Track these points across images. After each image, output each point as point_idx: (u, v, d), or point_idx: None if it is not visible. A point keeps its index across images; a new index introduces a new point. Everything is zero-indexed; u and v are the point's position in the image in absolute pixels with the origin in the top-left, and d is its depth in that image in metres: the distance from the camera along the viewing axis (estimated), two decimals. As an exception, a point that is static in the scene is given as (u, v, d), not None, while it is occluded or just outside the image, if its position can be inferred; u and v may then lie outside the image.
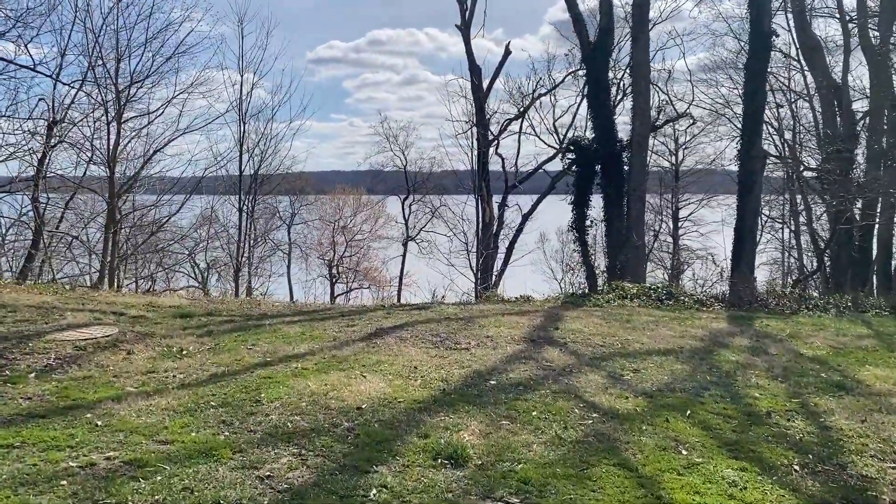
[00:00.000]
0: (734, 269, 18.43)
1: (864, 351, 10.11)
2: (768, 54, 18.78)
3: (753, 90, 18.61)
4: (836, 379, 8.26)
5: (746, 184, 18.72)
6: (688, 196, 40.27)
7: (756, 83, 18.60)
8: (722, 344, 10.08)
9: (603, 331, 10.42)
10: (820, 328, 11.96)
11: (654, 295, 14.24)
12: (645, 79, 18.63)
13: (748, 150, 18.55)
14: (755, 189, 19.02)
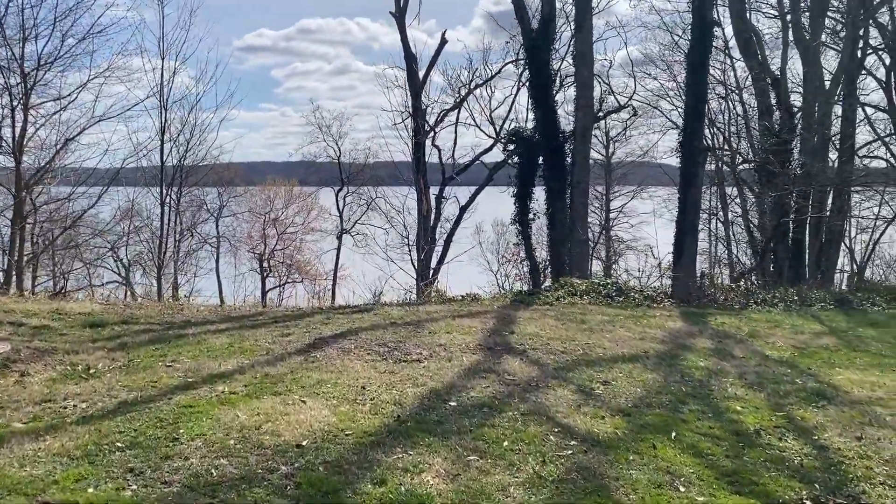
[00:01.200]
0: (676, 263, 17.96)
1: (828, 351, 9.59)
2: (710, 45, 18.31)
3: (695, 81, 18.11)
4: (813, 386, 7.62)
5: (688, 177, 18.25)
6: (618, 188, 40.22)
7: (698, 74, 18.12)
8: (685, 346, 9.38)
9: (561, 334, 9.58)
10: (775, 325, 11.47)
11: (603, 291, 13.52)
12: (588, 69, 17.93)
13: (690, 142, 18.06)
14: (697, 182, 18.59)
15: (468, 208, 27.44)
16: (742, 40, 22.15)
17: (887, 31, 29.62)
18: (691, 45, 18.24)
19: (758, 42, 22.12)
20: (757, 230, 22.52)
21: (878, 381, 7.96)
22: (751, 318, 12.03)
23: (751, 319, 11.94)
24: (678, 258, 17.94)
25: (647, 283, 17.45)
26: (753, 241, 22.96)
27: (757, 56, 22.12)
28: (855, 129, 27.33)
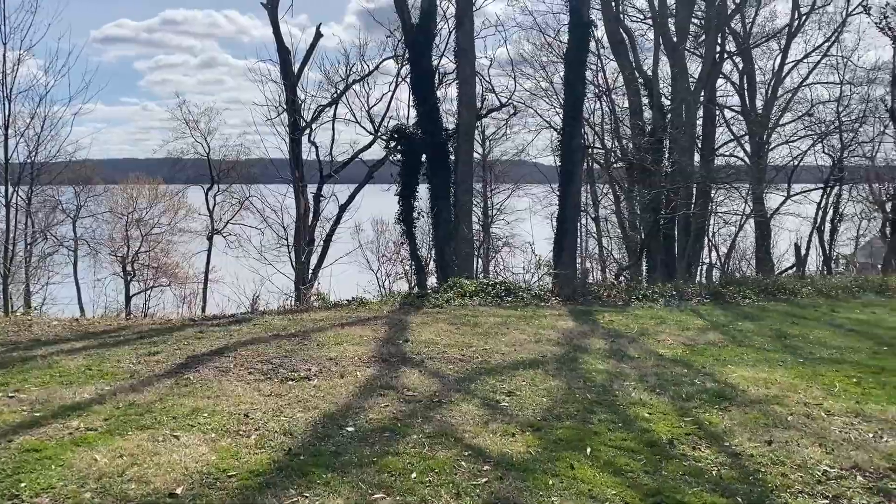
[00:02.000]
0: (557, 260, 18.04)
1: (717, 347, 9.62)
2: (588, 45, 18.51)
3: (573, 80, 18.28)
4: (711, 386, 7.50)
5: (568, 174, 18.39)
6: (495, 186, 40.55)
7: (576, 73, 18.27)
8: (581, 348, 9.13)
9: (457, 340, 9.08)
10: (660, 321, 11.52)
11: (493, 292, 13.19)
12: (470, 66, 17.63)
13: (569, 141, 18.21)
14: (576, 180, 18.77)
15: (348, 207, 26.56)
16: (615, 42, 22.63)
17: (740, 37, 31.38)
18: (569, 44, 18.35)
19: (630, 44, 22.67)
20: (630, 227, 23.12)
21: (769, 377, 7.97)
22: (636, 315, 12.05)
23: (637, 316, 11.95)
24: (559, 255, 18.03)
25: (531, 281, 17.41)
26: (627, 238, 23.57)
27: (629, 57, 22.70)
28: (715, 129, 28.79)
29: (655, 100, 20.75)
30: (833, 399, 7.14)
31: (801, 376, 8.06)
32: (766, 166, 25.15)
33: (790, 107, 30.46)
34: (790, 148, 27.83)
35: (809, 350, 9.58)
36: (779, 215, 23.36)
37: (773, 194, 24.55)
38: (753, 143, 29.43)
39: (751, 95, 31.19)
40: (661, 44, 22.20)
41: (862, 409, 6.77)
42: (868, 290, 16.71)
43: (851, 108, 23.54)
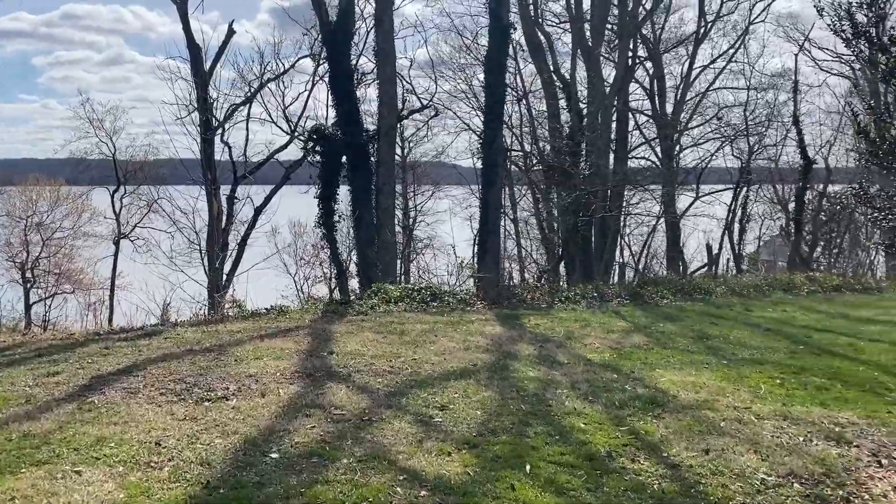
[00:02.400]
0: (480, 262, 17.93)
1: (642, 350, 9.62)
2: (508, 47, 18.47)
3: (494, 83, 18.20)
4: (643, 392, 7.43)
5: (489, 176, 18.31)
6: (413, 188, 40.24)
7: (496, 76, 18.20)
8: (510, 354, 8.94)
9: (384, 350, 8.73)
10: (585, 324, 11.48)
11: (418, 297, 12.88)
12: (391, 65, 17.25)
13: (490, 143, 18.13)
14: (498, 182, 18.71)
15: (264, 209, 25.68)
16: (532, 45, 22.71)
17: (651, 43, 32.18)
18: (489, 47, 18.25)
19: (549, 47, 22.82)
20: (549, 229, 23.28)
21: (696, 380, 7.98)
22: (561, 318, 11.99)
23: (562, 319, 11.89)
24: (482, 258, 17.91)
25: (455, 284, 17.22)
26: (546, 240, 23.73)
27: (546, 60, 22.84)
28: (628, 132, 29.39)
29: (574, 103, 20.94)
30: (760, 402, 7.18)
31: (728, 379, 8.11)
32: (677, 168, 25.83)
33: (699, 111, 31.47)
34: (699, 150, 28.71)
35: (731, 351, 9.71)
36: (693, 216, 24.05)
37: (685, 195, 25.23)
38: (664, 146, 30.27)
39: (661, 100, 32.06)
40: (578, 48, 22.43)
41: (789, 412, 6.82)
42: (777, 289, 17.31)
43: (758, 113, 24.52)
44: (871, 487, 5.13)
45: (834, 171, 25.71)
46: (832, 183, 26.02)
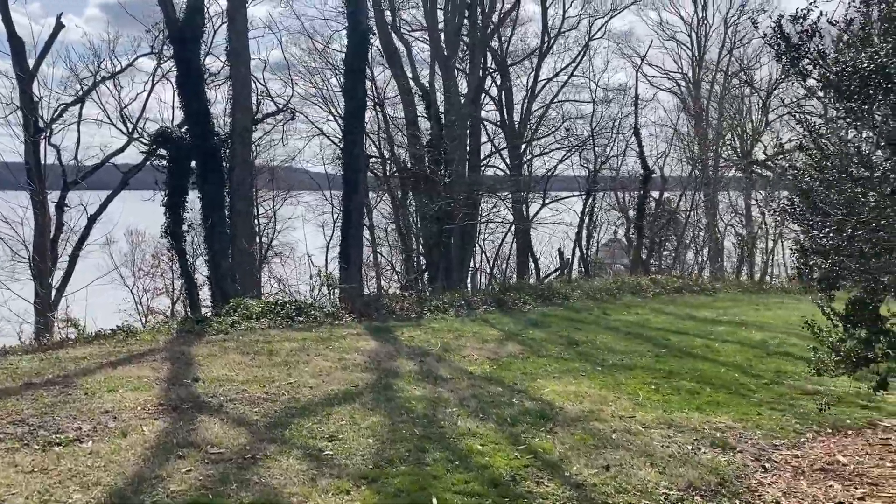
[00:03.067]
0: (343, 273, 17.36)
1: (519, 360, 9.60)
2: (367, 51, 18.04)
3: (353, 88, 17.68)
4: (530, 406, 7.32)
5: (351, 183, 17.75)
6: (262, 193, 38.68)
7: (355, 81, 17.70)
8: (391, 372, 8.56)
9: (255, 374, 8.05)
10: (459, 334, 11.34)
11: (282, 312, 12.16)
12: (245, 66, 16.28)
13: (352, 148, 17.60)
14: (360, 189, 18.20)
15: (98, 218, 23.50)
16: (389, 51, 22.43)
17: (499, 55, 32.97)
18: (348, 51, 17.73)
19: (408, 55, 22.66)
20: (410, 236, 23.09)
21: (577, 389, 8.01)
22: (434, 329, 11.78)
23: (435, 330, 11.68)
24: (345, 268, 17.34)
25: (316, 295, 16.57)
26: (407, 248, 23.51)
27: (403, 68, 22.65)
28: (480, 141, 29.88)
29: (433, 111, 20.87)
30: (642, 409, 7.29)
31: (606, 386, 8.21)
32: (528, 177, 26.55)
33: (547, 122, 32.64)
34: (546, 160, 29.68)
35: (602, 356, 9.91)
36: (552, 224, 24.80)
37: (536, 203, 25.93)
38: (512, 156, 31.13)
39: (509, 110, 32.98)
40: (436, 57, 22.43)
41: (671, 419, 6.97)
42: (626, 292, 18.17)
43: (602, 125, 25.75)
44: (763, 494, 5.26)
45: (669, 179, 27.54)
46: (667, 190, 27.85)
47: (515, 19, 32.32)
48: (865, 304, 5.01)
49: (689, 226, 29.23)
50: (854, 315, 5.11)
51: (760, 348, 10.70)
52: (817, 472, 5.51)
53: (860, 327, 5.06)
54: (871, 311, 5.04)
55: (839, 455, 5.76)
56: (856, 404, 7.65)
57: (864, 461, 5.62)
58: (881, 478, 5.26)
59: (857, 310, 5.05)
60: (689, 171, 29.33)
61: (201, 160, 16.23)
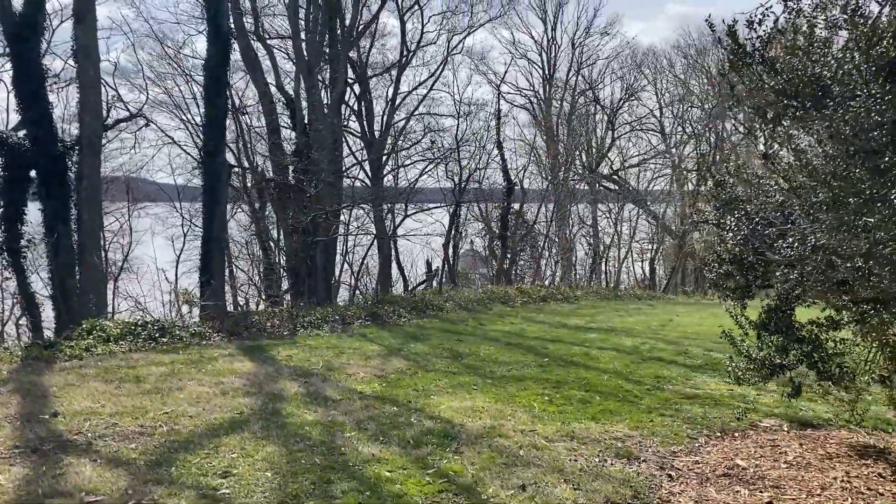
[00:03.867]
0: (205, 288, 16.28)
1: (408, 376, 9.30)
2: (229, 57, 17.12)
3: (214, 94, 16.74)
4: (430, 425, 7.02)
5: (213, 194, 16.75)
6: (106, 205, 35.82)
7: (217, 87, 16.77)
8: (276, 396, 7.97)
9: (124, 404, 7.18)
10: (339, 352, 10.87)
11: (143, 333, 11.11)
12: (94, 68, 14.84)
13: (213, 157, 16.62)
14: (223, 200, 17.20)
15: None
16: (249, 58, 21.47)
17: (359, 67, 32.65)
18: (209, 56, 16.80)
19: (272, 62, 21.83)
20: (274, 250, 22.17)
21: (473, 405, 7.83)
22: (311, 347, 11.24)
23: (312, 348, 11.14)
24: (208, 284, 16.28)
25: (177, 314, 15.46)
26: (269, 261, 22.53)
27: (264, 75, 21.76)
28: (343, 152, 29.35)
29: (299, 120, 20.15)
30: (541, 423, 7.21)
31: (500, 400, 8.09)
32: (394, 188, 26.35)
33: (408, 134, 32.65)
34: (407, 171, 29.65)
35: (489, 369, 9.82)
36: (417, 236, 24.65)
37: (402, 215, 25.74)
38: (373, 167, 30.87)
39: (369, 122, 32.73)
40: (300, 66, 21.71)
41: (571, 431, 6.93)
42: (496, 301, 18.39)
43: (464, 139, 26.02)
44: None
45: (528, 192, 28.38)
46: (527, 202, 28.67)
47: (375, 32, 32.21)
48: (781, 312, 5.19)
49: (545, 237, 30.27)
50: (769, 323, 5.27)
51: (634, 354, 11.06)
52: (721, 477, 5.62)
53: (775, 334, 5.24)
54: (786, 319, 5.23)
55: (737, 459, 5.92)
56: (734, 406, 7.99)
57: (761, 464, 5.82)
58: (781, 480, 5.44)
59: (772, 318, 5.22)
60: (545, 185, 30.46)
61: (43, 169, 14.68)
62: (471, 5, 36.02)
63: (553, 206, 29.26)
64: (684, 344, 12.13)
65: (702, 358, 10.82)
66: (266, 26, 25.00)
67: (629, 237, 31.52)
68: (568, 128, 36.96)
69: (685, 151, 34.75)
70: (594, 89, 36.90)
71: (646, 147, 37.27)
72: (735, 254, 4.82)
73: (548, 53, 42.42)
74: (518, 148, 30.54)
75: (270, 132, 21.60)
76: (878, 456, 5.92)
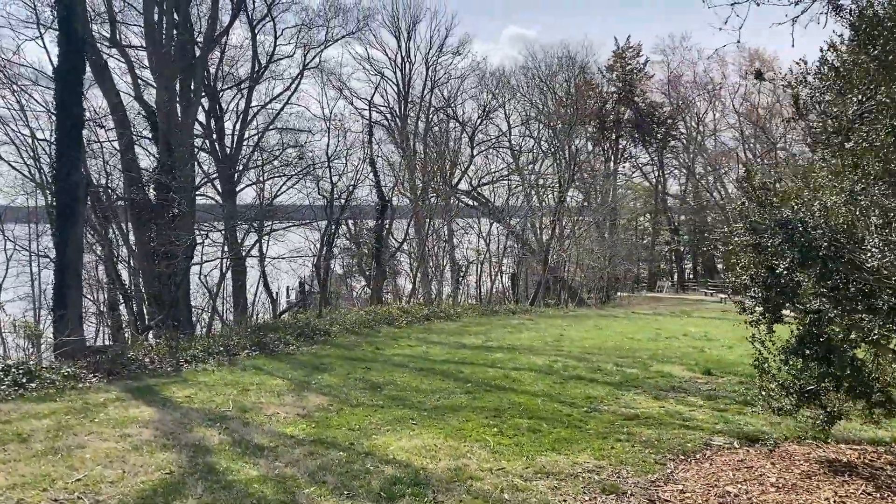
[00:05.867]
0: (58, 320, 14.29)
1: (334, 413, 8.53)
2: (84, 62, 15.28)
3: (69, 102, 14.83)
4: (394, 473, 6.30)
5: (67, 214, 14.80)
6: None
7: (73, 96, 14.88)
8: (199, 448, 6.93)
9: (20, 472, 5.89)
10: (242, 388, 9.85)
11: (6, 379, 9.39)
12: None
13: (67, 173, 14.70)
14: (79, 221, 15.23)
15: None
16: (98, 66, 19.36)
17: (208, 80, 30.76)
18: (61, 60, 14.91)
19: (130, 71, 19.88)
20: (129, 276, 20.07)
21: (424, 443, 7.22)
22: (206, 385, 10.12)
23: (208, 385, 10.04)
24: (61, 314, 14.31)
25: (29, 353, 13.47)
26: (122, 287, 20.34)
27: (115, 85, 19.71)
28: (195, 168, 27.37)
29: (161, 134, 18.37)
30: (504, 458, 6.76)
31: (449, 435, 7.54)
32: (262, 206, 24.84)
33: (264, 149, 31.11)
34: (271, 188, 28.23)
35: (417, 399, 9.23)
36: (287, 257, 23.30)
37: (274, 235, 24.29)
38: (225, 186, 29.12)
39: (219, 137, 30.87)
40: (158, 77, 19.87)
41: (542, 466, 6.53)
42: (381, 322, 17.77)
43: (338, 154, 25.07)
44: (685, 539, 5.04)
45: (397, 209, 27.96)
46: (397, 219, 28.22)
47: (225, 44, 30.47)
48: (815, 337, 5.09)
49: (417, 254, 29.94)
50: (803, 347, 5.16)
51: (553, 374, 10.91)
52: (720, 507, 5.47)
53: (811, 360, 5.13)
54: (824, 344, 5.13)
55: (723, 486, 5.81)
56: (672, 424, 7.98)
57: (749, 489, 5.74)
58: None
59: (805, 342, 5.11)
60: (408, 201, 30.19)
61: None
62: (327, 20, 35.09)
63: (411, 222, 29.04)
64: (592, 360, 12.20)
65: (618, 374, 10.88)
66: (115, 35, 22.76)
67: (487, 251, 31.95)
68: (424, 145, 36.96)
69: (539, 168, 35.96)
70: (452, 106, 37.32)
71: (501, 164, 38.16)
72: (776, 276, 4.66)
73: (402, 70, 42.46)
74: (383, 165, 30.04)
75: (125, 148, 19.55)
76: (851, 472, 6.06)
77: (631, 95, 45.83)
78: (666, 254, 51.31)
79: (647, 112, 45.98)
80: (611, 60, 47.44)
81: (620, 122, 46.07)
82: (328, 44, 35.98)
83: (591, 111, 40.98)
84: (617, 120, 45.92)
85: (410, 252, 29.15)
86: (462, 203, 37.25)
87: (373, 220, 27.86)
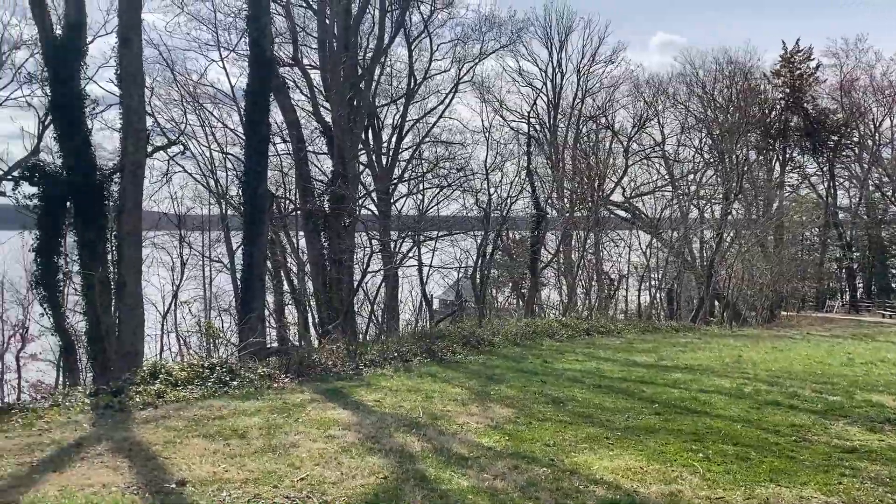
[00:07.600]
0: (244, 322, 15.27)
1: (522, 426, 8.39)
2: (271, 80, 16.35)
3: (257, 120, 15.90)
4: (606, 495, 6.05)
5: (255, 225, 15.83)
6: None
7: (260, 112, 15.94)
8: (403, 454, 7.04)
9: (248, 467, 6.23)
10: (425, 395, 10.05)
11: (212, 377, 10.13)
12: (140, 91, 13.89)
13: (255, 187, 15.73)
14: (264, 230, 16.28)
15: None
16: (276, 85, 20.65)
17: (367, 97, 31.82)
18: (251, 79, 16.00)
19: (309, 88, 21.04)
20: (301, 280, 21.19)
21: (628, 465, 6.91)
22: (391, 389, 10.34)
23: (393, 391, 10.24)
24: (249, 317, 15.27)
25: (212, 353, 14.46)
26: (294, 291, 21.52)
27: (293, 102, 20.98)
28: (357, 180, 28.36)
29: (337, 149, 19.33)
30: (720, 487, 6.32)
31: (651, 458, 7.18)
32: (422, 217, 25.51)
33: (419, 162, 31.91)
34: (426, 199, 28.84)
35: (605, 418, 8.92)
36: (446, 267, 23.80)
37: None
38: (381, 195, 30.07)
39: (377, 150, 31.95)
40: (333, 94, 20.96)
41: (765, 498, 6.06)
42: (541, 335, 17.54)
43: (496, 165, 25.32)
44: None
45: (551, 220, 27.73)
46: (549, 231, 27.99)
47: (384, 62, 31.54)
48: None
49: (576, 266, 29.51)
50: None
51: (746, 398, 10.23)
52: None
53: None
54: None
55: None
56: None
57: None
58: None
59: None
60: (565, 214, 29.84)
61: (80, 199, 13.67)
62: (482, 33, 35.53)
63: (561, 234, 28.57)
64: (784, 384, 11.34)
65: (819, 402, 10.01)
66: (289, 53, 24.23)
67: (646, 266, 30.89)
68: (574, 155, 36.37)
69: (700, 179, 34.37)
70: (606, 116, 36.56)
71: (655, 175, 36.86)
72: None
73: (553, 81, 42.15)
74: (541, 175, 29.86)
75: (300, 161, 20.72)
76: None
77: (800, 101, 42.84)
78: (836, 271, 47.41)
79: (817, 119, 42.80)
80: (777, 65, 44.69)
81: (787, 130, 43.18)
82: (482, 57, 36.38)
83: (757, 118, 38.70)
84: (784, 128, 43.10)
85: (559, 265, 28.72)
86: (614, 215, 36.37)
87: (524, 231, 27.82)
